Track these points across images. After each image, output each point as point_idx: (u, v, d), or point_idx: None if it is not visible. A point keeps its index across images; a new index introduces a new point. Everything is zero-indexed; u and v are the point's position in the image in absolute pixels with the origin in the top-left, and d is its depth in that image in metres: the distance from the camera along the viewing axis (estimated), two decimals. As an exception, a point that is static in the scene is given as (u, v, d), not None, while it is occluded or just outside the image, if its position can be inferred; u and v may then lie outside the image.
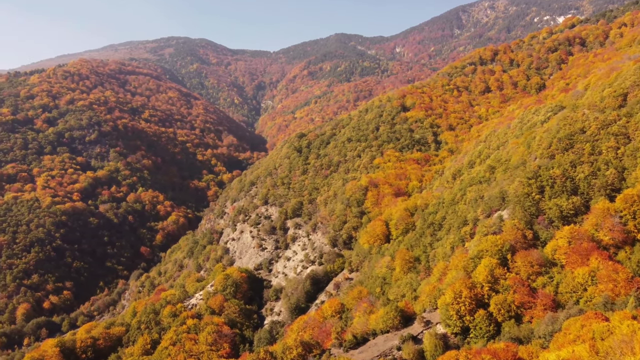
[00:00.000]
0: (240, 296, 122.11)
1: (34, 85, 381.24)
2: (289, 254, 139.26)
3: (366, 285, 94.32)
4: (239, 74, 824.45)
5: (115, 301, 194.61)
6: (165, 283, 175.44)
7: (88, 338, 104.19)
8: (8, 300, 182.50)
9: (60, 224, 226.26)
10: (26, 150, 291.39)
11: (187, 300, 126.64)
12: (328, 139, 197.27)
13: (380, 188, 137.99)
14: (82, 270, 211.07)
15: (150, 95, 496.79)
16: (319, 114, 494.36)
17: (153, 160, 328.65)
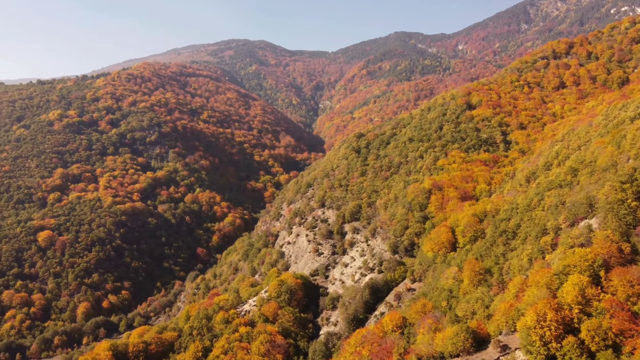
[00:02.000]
0: (295, 304, 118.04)
1: (99, 88, 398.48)
2: (346, 260, 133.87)
3: (430, 297, 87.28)
4: (297, 74, 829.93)
5: (171, 302, 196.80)
6: (220, 286, 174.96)
7: (140, 342, 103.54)
8: (69, 298, 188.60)
9: (120, 224, 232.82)
10: (90, 151, 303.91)
11: (240, 306, 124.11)
12: (388, 139, 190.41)
13: (445, 191, 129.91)
14: (140, 270, 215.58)
15: (209, 97, 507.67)
16: (378, 114, 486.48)
17: (211, 161, 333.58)
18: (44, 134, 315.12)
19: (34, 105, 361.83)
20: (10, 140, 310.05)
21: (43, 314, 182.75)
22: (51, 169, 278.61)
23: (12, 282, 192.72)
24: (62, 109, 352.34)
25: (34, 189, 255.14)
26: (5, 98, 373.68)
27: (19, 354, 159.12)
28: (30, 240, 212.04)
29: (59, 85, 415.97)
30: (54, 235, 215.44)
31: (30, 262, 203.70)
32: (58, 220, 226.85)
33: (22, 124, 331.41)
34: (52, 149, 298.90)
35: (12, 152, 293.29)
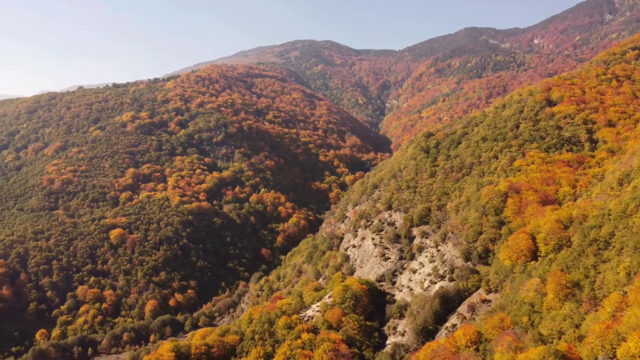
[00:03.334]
0: (360, 310, 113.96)
1: (169, 90, 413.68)
2: (414, 265, 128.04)
3: (509, 311, 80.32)
4: (363, 73, 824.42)
5: (235, 303, 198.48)
6: (283, 289, 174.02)
7: (203, 345, 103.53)
8: (138, 295, 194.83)
9: (186, 223, 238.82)
10: (160, 152, 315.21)
11: (303, 311, 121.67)
12: (459, 138, 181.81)
13: (523, 194, 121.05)
14: (206, 270, 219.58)
15: (275, 97, 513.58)
16: (447, 113, 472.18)
17: (276, 161, 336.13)
18: (117, 135, 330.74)
19: (109, 108, 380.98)
20: (87, 141, 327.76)
21: (114, 310, 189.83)
22: (123, 168, 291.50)
23: (86, 278, 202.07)
24: (134, 110, 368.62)
25: (108, 188, 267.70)
26: (83, 101, 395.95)
27: (91, 349, 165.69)
28: (103, 238, 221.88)
29: (132, 88, 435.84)
30: (125, 234, 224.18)
31: (102, 259, 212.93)
32: (129, 219, 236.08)
33: (98, 125, 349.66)
34: (125, 150, 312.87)
35: (88, 153, 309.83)
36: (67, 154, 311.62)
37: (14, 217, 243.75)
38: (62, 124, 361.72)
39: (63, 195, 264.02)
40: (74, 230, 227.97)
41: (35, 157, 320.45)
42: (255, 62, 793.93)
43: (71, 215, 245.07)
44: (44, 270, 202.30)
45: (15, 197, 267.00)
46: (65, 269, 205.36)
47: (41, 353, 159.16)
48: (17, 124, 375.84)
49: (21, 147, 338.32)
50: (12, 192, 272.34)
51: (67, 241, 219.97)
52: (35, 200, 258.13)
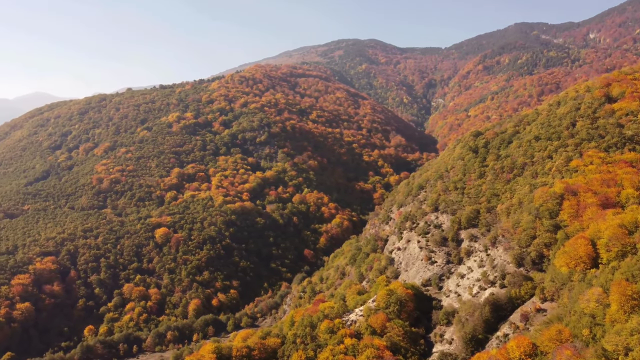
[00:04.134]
0: (404, 316, 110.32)
1: (213, 91, 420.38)
2: (462, 270, 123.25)
3: (567, 323, 75.16)
4: (408, 72, 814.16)
5: (277, 304, 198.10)
6: (326, 291, 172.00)
7: (244, 347, 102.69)
8: (182, 294, 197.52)
9: (229, 223, 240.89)
10: (204, 151, 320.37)
11: (346, 315, 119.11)
12: (510, 137, 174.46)
13: (581, 196, 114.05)
14: (248, 270, 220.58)
15: (318, 97, 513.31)
16: (496, 111, 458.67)
17: (319, 161, 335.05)
18: (163, 136, 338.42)
19: (155, 109, 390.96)
20: (135, 141, 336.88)
21: (158, 309, 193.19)
22: (169, 168, 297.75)
23: (132, 276, 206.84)
24: (180, 111, 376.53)
25: (153, 188, 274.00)
26: (131, 102, 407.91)
27: (136, 346, 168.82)
28: (148, 237, 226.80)
29: (178, 89, 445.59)
30: (170, 233, 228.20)
31: (148, 257, 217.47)
32: (173, 218, 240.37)
33: (145, 126, 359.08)
34: (170, 150, 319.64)
35: (135, 153, 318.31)
36: (115, 154, 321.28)
37: (65, 215, 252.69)
38: (111, 124, 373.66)
39: (111, 194, 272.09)
40: (121, 228, 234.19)
41: (85, 157, 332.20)
42: (299, 62, 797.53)
43: (118, 214, 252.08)
44: (92, 267, 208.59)
45: (66, 195, 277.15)
46: (113, 266, 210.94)
47: (89, 349, 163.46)
48: (70, 125, 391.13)
49: (73, 148, 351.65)
50: (64, 191, 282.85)
51: (115, 239, 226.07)
52: (85, 199, 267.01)
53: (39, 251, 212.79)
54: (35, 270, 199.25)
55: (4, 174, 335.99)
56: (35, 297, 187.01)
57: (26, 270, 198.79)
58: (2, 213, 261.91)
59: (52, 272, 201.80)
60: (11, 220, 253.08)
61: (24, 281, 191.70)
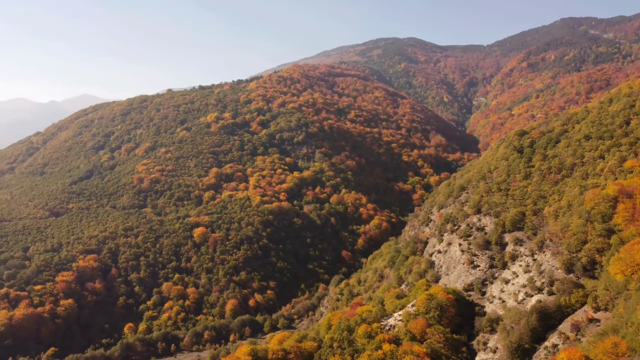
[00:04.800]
0: (445, 322, 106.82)
1: (251, 91, 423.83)
2: (507, 275, 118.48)
3: (624, 335, 70.37)
4: (449, 70, 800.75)
5: (314, 306, 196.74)
6: (364, 293, 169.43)
7: (280, 350, 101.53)
8: (219, 294, 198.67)
9: (267, 223, 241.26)
10: (242, 151, 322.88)
11: (384, 319, 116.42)
12: (557, 136, 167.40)
13: (637, 199, 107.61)
14: (285, 271, 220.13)
15: (356, 96, 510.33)
16: (541, 110, 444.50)
17: (357, 161, 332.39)
18: (202, 136, 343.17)
19: (194, 109, 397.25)
20: (175, 141, 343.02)
21: (196, 308, 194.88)
22: (207, 168, 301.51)
23: (170, 275, 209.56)
24: (218, 111, 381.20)
25: (192, 187, 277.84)
26: (171, 103, 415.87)
27: (174, 345, 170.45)
28: (187, 236, 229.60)
29: (217, 90, 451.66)
30: (207, 232, 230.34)
31: (186, 256, 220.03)
32: (211, 218, 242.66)
33: (184, 126, 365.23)
34: (209, 150, 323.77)
35: (175, 153, 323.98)
36: (155, 154, 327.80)
37: (107, 214, 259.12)
38: (152, 125, 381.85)
39: (151, 193, 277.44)
40: (160, 227, 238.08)
41: (127, 157, 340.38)
42: (337, 61, 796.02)
43: (158, 213, 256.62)
44: (132, 266, 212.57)
45: (108, 195, 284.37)
46: (152, 265, 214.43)
47: (128, 346, 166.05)
48: (112, 125, 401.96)
49: (115, 148, 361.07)
50: (106, 190, 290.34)
51: (154, 238, 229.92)
52: (126, 198, 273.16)
53: (82, 249, 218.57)
54: (79, 267, 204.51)
55: (51, 174, 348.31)
56: (78, 294, 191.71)
57: (70, 267, 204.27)
58: (49, 211, 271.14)
59: (94, 269, 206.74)
60: (56, 218, 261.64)
61: (68, 278, 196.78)
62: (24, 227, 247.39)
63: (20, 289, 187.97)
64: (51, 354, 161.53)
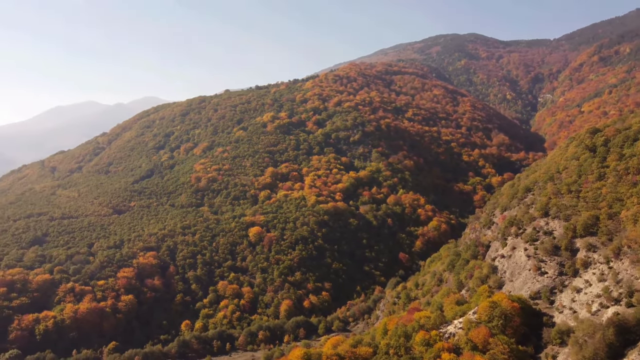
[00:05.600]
0: (510, 332, 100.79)
1: (307, 90, 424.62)
2: (578, 283, 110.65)
3: None
4: (512, 66, 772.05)
5: (370, 309, 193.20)
6: (421, 298, 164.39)
7: (334, 355, 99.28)
8: (274, 294, 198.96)
9: (322, 223, 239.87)
10: (297, 151, 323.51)
11: (443, 326, 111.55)
12: (635, 134, 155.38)
13: None
14: (341, 272, 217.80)
15: (414, 94, 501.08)
16: (615, 106, 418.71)
17: (415, 161, 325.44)
18: (258, 135, 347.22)
19: (251, 109, 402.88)
20: (231, 141, 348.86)
21: (250, 307, 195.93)
22: (263, 167, 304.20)
23: (226, 274, 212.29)
24: (274, 111, 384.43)
25: (248, 187, 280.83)
26: (229, 103, 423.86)
27: (229, 344, 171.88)
28: (242, 235, 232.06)
29: (273, 90, 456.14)
30: (263, 232, 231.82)
31: (241, 255, 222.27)
32: (267, 217, 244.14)
33: (241, 126, 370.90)
34: (265, 149, 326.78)
35: (232, 152, 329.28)
36: (212, 153, 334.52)
37: (166, 212, 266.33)
38: (210, 125, 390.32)
39: (208, 192, 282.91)
40: (216, 226, 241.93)
41: (186, 156, 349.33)
42: (394, 59, 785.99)
43: (214, 212, 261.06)
44: (189, 263, 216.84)
45: (168, 193, 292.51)
46: (208, 263, 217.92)
47: (185, 343, 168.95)
48: (172, 126, 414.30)
49: (175, 147, 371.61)
50: (166, 189, 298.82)
51: (211, 237, 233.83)
52: (185, 197, 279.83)
53: (142, 246, 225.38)
54: (139, 264, 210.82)
55: (115, 172, 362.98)
56: (137, 290, 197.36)
57: (130, 264, 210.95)
58: (112, 209, 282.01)
59: (153, 266, 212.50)
60: (119, 216, 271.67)
61: (129, 274, 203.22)
62: (89, 224, 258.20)
63: (85, 284, 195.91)
64: (112, 348, 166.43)
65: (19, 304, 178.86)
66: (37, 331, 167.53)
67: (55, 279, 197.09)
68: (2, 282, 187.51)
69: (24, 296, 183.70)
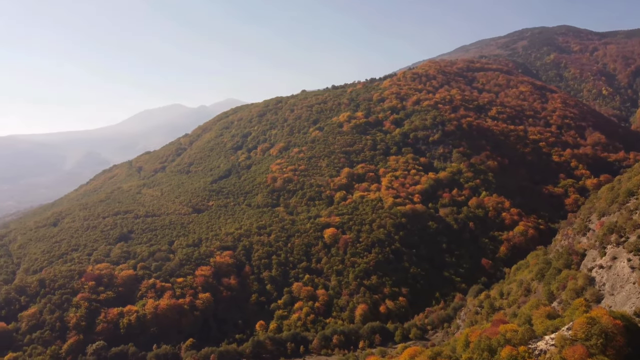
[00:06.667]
0: (612, 352, 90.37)
1: (384, 89, 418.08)
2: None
3: None
4: (609, 59, 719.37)
5: (450, 317, 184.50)
6: (507, 308, 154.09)
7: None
8: (349, 298, 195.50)
9: (399, 226, 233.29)
10: (374, 151, 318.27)
11: (532, 341, 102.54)
12: None
13: None
14: (419, 277, 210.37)
15: (498, 92, 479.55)
16: None
17: (499, 162, 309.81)
18: (334, 135, 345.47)
19: (327, 109, 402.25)
20: (307, 141, 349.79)
21: (325, 310, 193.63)
22: (339, 168, 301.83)
23: (301, 275, 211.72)
24: (350, 110, 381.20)
25: (323, 187, 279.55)
26: (305, 104, 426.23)
27: (302, 347, 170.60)
28: (317, 237, 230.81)
29: (349, 89, 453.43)
30: (338, 233, 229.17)
31: (316, 257, 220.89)
32: (342, 219, 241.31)
33: (317, 126, 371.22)
34: (341, 150, 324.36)
35: (307, 153, 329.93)
36: (288, 153, 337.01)
37: (242, 212, 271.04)
38: (286, 125, 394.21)
39: (284, 193, 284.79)
40: (291, 227, 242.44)
41: (262, 156, 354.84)
42: (476, 55, 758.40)
43: (290, 213, 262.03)
44: (264, 264, 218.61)
45: (244, 193, 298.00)
46: (283, 264, 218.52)
47: (259, 344, 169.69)
48: (250, 126, 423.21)
49: (252, 148, 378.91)
50: (243, 189, 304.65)
51: (286, 237, 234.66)
52: (260, 197, 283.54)
53: (219, 245, 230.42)
54: (215, 263, 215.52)
55: (195, 172, 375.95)
56: (214, 289, 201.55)
57: (208, 262, 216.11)
58: (192, 208, 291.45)
59: (229, 266, 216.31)
60: (198, 214, 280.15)
61: (206, 273, 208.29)
62: (170, 222, 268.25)
63: (165, 280, 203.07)
64: (189, 345, 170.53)
65: (105, 297, 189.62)
66: (121, 324, 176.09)
67: (138, 275, 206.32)
68: (91, 276, 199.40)
69: (110, 290, 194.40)
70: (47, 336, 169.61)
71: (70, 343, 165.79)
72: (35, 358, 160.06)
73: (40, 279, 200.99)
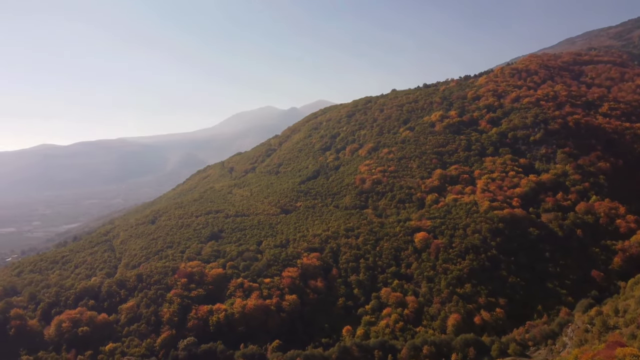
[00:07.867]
0: None
1: (480, 87, 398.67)
2: None
3: None
4: None
5: (555, 333, 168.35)
6: (623, 328, 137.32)
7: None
8: (440, 306, 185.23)
9: (496, 232, 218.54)
10: (469, 152, 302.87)
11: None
12: None
13: None
14: (518, 288, 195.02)
15: (610, 86, 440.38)
16: None
17: (612, 163, 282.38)
18: (425, 135, 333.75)
19: (418, 108, 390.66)
20: (397, 142, 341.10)
21: (415, 318, 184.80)
22: (430, 169, 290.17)
23: (389, 280, 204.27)
24: (443, 109, 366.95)
25: (414, 190, 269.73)
26: (394, 103, 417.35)
27: (390, 355, 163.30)
28: (407, 241, 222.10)
29: (442, 87, 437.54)
30: (429, 238, 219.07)
31: (406, 262, 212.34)
32: (434, 223, 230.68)
33: (407, 126, 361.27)
34: (432, 150, 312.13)
35: (397, 153, 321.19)
36: (378, 154, 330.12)
37: (330, 214, 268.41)
38: (375, 125, 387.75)
39: (372, 194, 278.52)
40: (380, 230, 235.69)
41: (351, 157, 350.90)
42: (583, 48, 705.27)
43: (379, 215, 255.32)
44: (352, 267, 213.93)
45: (332, 194, 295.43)
46: (371, 268, 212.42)
47: (345, 350, 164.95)
48: (338, 127, 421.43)
49: (340, 148, 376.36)
50: (330, 190, 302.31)
51: (374, 241, 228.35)
52: (349, 199, 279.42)
53: (306, 246, 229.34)
54: (302, 264, 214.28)
55: (284, 173, 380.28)
56: (301, 291, 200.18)
57: (295, 264, 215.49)
58: (280, 208, 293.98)
59: (316, 268, 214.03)
60: (286, 215, 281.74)
61: (293, 274, 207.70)
62: (259, 223, 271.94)
63: (253, 280, 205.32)
64: (276, 346, 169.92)
65: (196, 294, 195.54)
66: (210, 322, 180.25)
67: (227, 274, 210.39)
68: (184, 274, 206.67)
69: (200, 288, 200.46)
70: (143, 329, 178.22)
71: (163, 337, 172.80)
72: (132, 349, 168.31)
73: (138, 274, 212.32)
